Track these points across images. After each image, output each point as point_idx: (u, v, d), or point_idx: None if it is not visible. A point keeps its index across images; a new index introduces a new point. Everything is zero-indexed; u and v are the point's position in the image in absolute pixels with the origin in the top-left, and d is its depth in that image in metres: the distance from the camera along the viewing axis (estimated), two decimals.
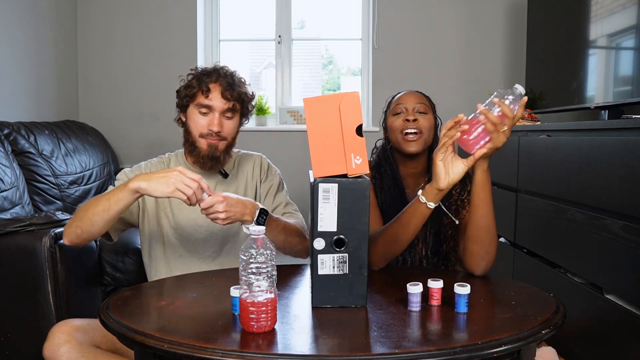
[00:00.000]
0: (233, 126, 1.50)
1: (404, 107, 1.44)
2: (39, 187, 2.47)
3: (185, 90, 1.48)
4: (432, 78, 3.24)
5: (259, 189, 1.60)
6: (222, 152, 1.49)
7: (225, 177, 1.55)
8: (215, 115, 1.46)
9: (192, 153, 1.50)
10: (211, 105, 1.45)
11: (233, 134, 1.51)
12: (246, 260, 0.91)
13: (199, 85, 1.45)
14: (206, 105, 1.45)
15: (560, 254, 1.90)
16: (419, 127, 1.40)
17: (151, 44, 3.37)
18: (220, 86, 1.46)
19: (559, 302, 1.08)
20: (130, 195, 1.23)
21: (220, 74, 1.47)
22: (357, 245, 1.06)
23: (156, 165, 1.56)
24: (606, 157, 1.60)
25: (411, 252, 1.44)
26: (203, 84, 1.45)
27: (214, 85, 1.46)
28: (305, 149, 1.33)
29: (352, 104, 1.06)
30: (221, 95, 1.45)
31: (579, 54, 2.38)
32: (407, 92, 1.49)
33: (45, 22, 3.06)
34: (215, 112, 1.46)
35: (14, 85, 2.79)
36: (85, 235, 1.32)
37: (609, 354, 1.60)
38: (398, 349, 0.85)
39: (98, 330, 1.29)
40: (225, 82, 1.46)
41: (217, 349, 0.85)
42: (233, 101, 1.47)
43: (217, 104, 1.46)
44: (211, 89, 1.45)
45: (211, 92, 1.45)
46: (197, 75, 1.48)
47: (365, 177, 1.06)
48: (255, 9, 3.60)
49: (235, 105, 1.48)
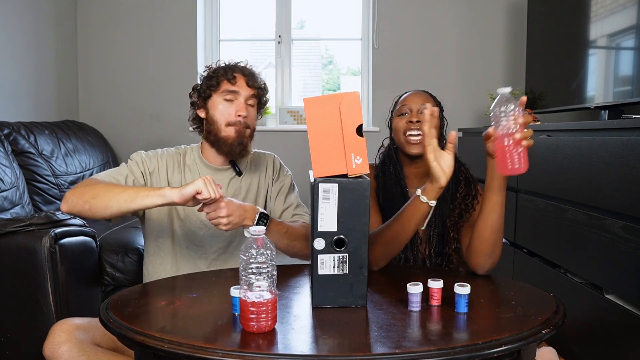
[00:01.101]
0: (254, 115, 1.56)
1: (409, 108, 1.44)
2: (39, 187, 2.47)
3: (208, 81, 1.52)
4: (432, 78, 3.24)
5: (271, 188, 1.62)
6: (248, 139, 1.52)
7: (240, 175, 1.57)
8: (241, 101, 1.50)
9: (216, 144, 1.51)
10: (238, 90, 1.50)
11: (254, 124, 1.56)
12: (246, 260, 0.91)
13: (224, 74, 1.50)
14: (232, 91, 1.49)
15: (560, 254, 1.90)
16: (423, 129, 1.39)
17: (151, 44, 3.37)
18: (245, 76, 1.52)
19: (559, 302, 1.08)
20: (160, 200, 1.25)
21: (242, 67, 1.55)
22: (357, 245, 1.05)
23: (173, 154, 1.58)
24: (606, 157, 1.60)
25: (414, 252, 1.44)
26: (229, 72, 1.51)
27: (239, 75, 1.52)
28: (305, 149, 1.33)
29: (352, 104, 1.06)
30: (246, 83, 1.51)
31: (579, 54, 2.38)
32: (413, 93, 1.49)
33: (45, 22, 3.06)
34: (241, 98, 1.50)
35: (14, 85, 2.79)
36: (90, 213, 1.32)
37: (609, 354, 1.60)
38: (398, 349, 0.85)
39: (98, 328, 1.29)
40: (248, 72, 1.54)
41: (217, 349, 0.85)
42: (256, 89, 1.53)
43: (242, 91, 1.50)
44: (236, 77, 1.51)
45: (237, 80, 1.50)
46: (218, 68, 1.53)
47: (366, 177, 1.06)
48: (255, 9, 3.60)
49: (256, 94, 1.53)
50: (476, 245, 1.26)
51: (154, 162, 1.55)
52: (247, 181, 1.59)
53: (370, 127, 3.29)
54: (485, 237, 1.25)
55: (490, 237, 1.25)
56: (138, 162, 1.54)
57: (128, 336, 0.93)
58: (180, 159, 1.58)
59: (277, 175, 1.64)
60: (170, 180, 1.55)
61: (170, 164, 1.56)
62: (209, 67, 1.56)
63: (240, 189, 1.57)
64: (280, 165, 1.67)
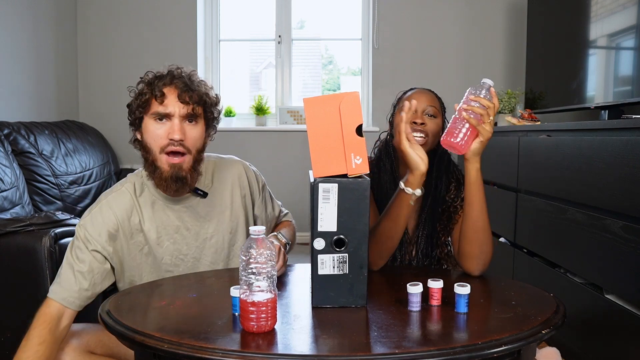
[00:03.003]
0: (197, 135, 1.29)
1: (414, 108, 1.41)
2: (39, 187, 2.47)
3: (137, 100, 1.28)
4: (432, 78, 3.24)
5: (252, 209, 1.47)
6: (188, 171, 1.28)
7: (205, 197, 1.37)
8: (174, 121, 1.25)
9: (153, 175, 1.29)
10: (168, 112, 1.25)
11: (198, 145, 1.30)
12: (246, 260, 0.91)
13: (151, 91, 1.26)
14: (163, 113, 1.26)
15: (560, 254, 1.90)
16: (426, 131, 1.36)
17: (151, 44, 3.37)
18: (177, 89, 1.26)
19: (559, 302, 1.08)
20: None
21: (174, 76, 1.28)
22: (357, 245, 1.05)
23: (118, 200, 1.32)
24: (606, 157, 1.60)
25: (402, 251, 1.43)
26: (156, 88, 1.26)
27: (169, 89, 1.26)
28: (305, 149, 1.32)
29: (352, 104, 1.06)
30: (178, 98, 1.25)
31: (579, 54, 2.38)
32: (419, 91, 1.44)
33: (45, 22, 3.06)
34: (174, 119, 1.26)
35: (14, 85, 2.79)
36: None
37: (609, 354, 1.60)
38: (398, 349, 0.85)
39: (93, 335, 1.28)
40: (181, 83, 1.27)
41: (217, 349, 0.85)
42: (192, 104, 1.27)
43: (175, 110, 1.25)
44: (166, 93, 1.26)
45: (166, 97, 1.25)
46: (147, 81, 1.29)
47: (365, 177, 1.06)
48: (255, 9, 3.60)
49: (195, 109, 1.27)
50: (464, 247, 1.27)
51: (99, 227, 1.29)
52: (217, 200, 1.40)
53: (370, 127, 3.29)
54: (470, 236, 1.25)
55: (474, 237, 1.24)
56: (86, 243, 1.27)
57: (128, 336, 0.93)
58: (129, 199, 1.33)
59: (255, 191, 1.48)
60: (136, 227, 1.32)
61: (121, 213, 1.31)
62: (141, 79, 1.31)
63: (211, 213, 1.38)
64: (252, 172, 1.49)
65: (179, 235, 1.35)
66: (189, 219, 1.35)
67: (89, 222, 1.29)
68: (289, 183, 3.07)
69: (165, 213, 1.34)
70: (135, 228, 1.32)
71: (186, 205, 1.35)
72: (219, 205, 1.40)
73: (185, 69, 1.32)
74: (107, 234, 1.29)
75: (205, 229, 1.37)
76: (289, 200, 2.27)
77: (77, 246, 1.28)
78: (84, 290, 1.25)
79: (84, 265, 1.26)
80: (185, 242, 1.36)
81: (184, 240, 1.35)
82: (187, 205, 1.35)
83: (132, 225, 1.32)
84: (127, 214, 1.32)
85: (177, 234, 1.35)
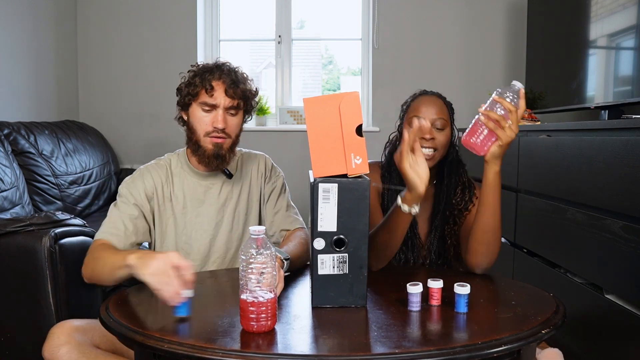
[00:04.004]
0: (237, 123, 1.47)
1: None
2: (39, 187, 2.47)
3: (188, 88, 1.43)
4: (432, 78, 3.24)
5: (263, 190, 1.58)
6: (227, 150, 1.45)
7: (230, 178, 1.52)
8: (219, 112, 1.41)
9: (196, 152, 1.46)
10: (215, 103, 1.41)
11: (237, 132, 1.48)
12: (246, 260, 0.91)
13: (202, 83, 1.41)
14: (210, 104, 1.41)
15: (560, 254, 1.90)
16: (435, 145, 1.36)
17: (151, 44, 3.37)
18: (224, 84, 1.41)
19: (559, 302, 1.09)
20: (127, 272, 1.19)
21: (223, 71, 1.43)
22: (357, 245, 1.05)
23: (155, 167, 1.51)
24: (606, 157, 1.60)
25: (414, 254, 1.44)
26: (206, 81, 1.40)
27: (217, 83, 1.41)
28: (305, 149, 1.32)
29: (352, 104, 1.06)
30: (225, 93, 1.41)
31: (579, 54, 2.38)
32: (427, 100, 1.40)
33: (45, 22, 3.06)
34: (219, 109, 1.42)
35: (14, 85, 2.79)
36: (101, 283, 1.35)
37: (609, 354, 1.60)
38: (398, 349, 0.85)
39: (97, 330, 1.28)
40: (229, 79, 1.42)
41: (217, 349, 0.85)
42: (237, 99, 1.43)
43: (221, 102, 1.41)
44: (215, 86, 1.41)
45: (215, 90, 1.41)
46: (199, 72, 1.43)
47: (365, 177, 1.06)
48: (255, 9, 3.60)
49: (239, 103, 1.44)
50: (471, 244, 1.28)
51: (140, 187, 1.46)
52: (239, 183, 1.54)
53: (370, 127, 3.29)
54: (478, 236, 1.26)
55: (482, 237, 1.25)
56: (128, 197, 1.45)
57: (128, 336, 0.93)
58: (165, 171, 1.51)
59: (268, 176, 1.59)
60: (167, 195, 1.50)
61: (158, 179, 1.49)
62: (192, 67, 1.46)
63: (232, 193, 1.53)
64: (272, 165, 1.62)
65: (203, 209, 1.49)
66: (213, 195, 1.50)
67: (131, 182, 1.47)
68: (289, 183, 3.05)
69: (194, 186, 1.50)
70: (167, 197, 1.49)
71: (213, 182, 1.51)
72: (240, 187, 1.54)
73: (231, 64, 1.48)
74: (145, 194, 1.46)
75: (225, 207, 1.51)
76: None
77: (120, 201, 1.45)
78: (129, 232, 1.41)
79: (129, 212, 1.43)
80: (207, 217, 1.49)
81: (207, 215, 1.49)
82: (214, 182, 1.51)
83: (165, 193, 1.49)
84: (162, 183, 1.49)
85: (201, 207, 1.49)
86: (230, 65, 1.46)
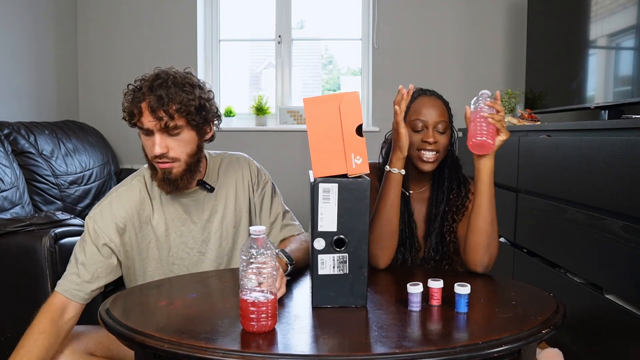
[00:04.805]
0: (183, 143, 1.26)
1: (425, 124, 1.37)
2: (39, 187, 2.47)
3: (124, 112, 1.28)
4: (432, 78, 3.24)
5: (253, 199, 1.48)
6: (180, 175, 1.28)
7: (212, 191, 1.40)
8: (156, 137, 1.24)
9: (152, 175, 1.32)
10: (147, 127, 1.24)
11: (188, 150, 1.28)
12: (246, 260, 0.91)
13: (131, 106, 1.25)
14: (145, 129, 1.25)
15: (560, 254, 1.90)
16: (437, 147, 1.37)
17: (151, 44, 3.37)
18: (149, 105, 1.22)
19: (559, 302, 1.09)
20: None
21: (152, 88, 1.23)
22: (357, 245, 1.06)
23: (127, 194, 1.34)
24: (606, 157, 1.60)
25: (412, 254, 1.44)
26: (134, 105, 1.24)
27: (144, 105, 1.22)
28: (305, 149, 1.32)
29: (352, 104, 1.06)
30: (150, 115, 1.22)
31: (579, 54, 2.38)
32: (428, 102, 1.40)
33: (45, 22, 3.06)
34: (156, 134, 1.24)
35: (14, 85, 2.79)
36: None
37: (609, 354, 1.60)
38: (398, 349, 0.85)
39: (92, 337, 1.28)
40: (153, 98, 1.21)
41: (217, 349, 0.85)
42: (167, 118, 1.22)
43: (150, 126, 1.23)
44: (142, 109, 1.23)
45: (143, 114, 1.23)
46: (129, 92, 1.27)
47: (365, 177, 1.06)
48: (255, 9, 3.60)
49: (168, 122, 1.22)
50: (471, 239, 1.29)
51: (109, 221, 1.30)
52: (223, 196, 1.42)
53: (370, 127, 3.29)
54: (478, 227, 1.28)
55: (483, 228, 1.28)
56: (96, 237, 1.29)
57: (128, 336, 0.93)
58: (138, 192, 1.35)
59: (256, 183, 1.47)
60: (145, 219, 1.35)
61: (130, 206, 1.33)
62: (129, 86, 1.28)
63: (216, 207, 1.41)
64: (258, 169, 1.50)
65: (185, 228, 1.38)
66: (196, 212, 1.39)
67: (98, 214, 1.31)
68: (289, 183, 3.07)
69: (174, 205, 1.37)
70: (145, 220, 1.35)
71: (193, 198, 1.39)
72: (224, 199, 1.43)
73: (171, 71, 1.27)
74: (115, 227, 1.31)
75: (210, 223, 1.41)
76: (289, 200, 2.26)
77: (84, 239, 1.30)
78: (85, 283, 1.27)
79: (88, 257, 1.28)
80: (192, 236, 1.39)
81: (190, 234, 1.39)
82: (195, 198, 1.39)
83: (141, 218, 1.34)
84: (137, 207, 1.34)
85: (184, 227, 1.38)
86: (164, 75, 1.25)
